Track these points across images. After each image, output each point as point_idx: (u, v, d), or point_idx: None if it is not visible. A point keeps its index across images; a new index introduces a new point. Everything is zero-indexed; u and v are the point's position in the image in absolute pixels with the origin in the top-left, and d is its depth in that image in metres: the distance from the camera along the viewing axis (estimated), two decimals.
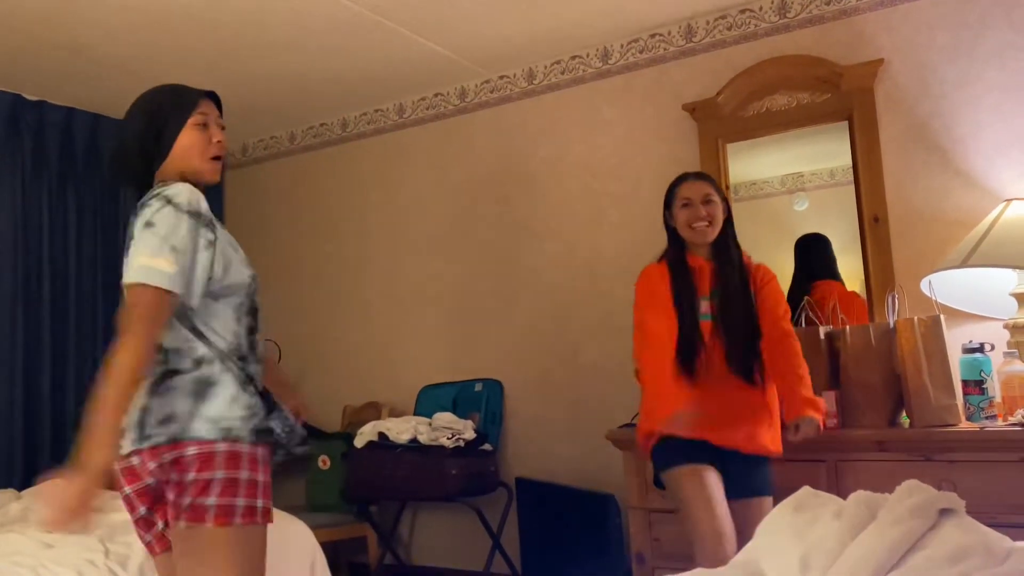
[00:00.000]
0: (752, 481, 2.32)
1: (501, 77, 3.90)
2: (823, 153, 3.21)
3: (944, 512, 1.34)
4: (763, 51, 3.22)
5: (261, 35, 3.39)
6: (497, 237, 3.89)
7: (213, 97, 1.79)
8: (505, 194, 3.88)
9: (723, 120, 3.27)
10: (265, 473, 1.67)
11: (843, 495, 1.53)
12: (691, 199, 2.43)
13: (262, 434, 1.67)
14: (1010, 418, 2.43)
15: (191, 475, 1.57)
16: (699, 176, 2.52)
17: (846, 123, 3.05)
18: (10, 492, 3.18)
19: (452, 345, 3.98)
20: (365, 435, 3.55)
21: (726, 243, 2.46)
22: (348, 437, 3.74)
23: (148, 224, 1.58)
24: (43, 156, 3.97)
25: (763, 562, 1.49)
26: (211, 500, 1.56)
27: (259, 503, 1.63)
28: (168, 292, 1.54)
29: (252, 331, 1.74)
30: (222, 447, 1.59)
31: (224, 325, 1.68)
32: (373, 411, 4.03)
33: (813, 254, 3.16)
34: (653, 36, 3.49)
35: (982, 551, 1.25)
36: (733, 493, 2.28)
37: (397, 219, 4.21)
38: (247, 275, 1.73)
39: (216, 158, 1.75)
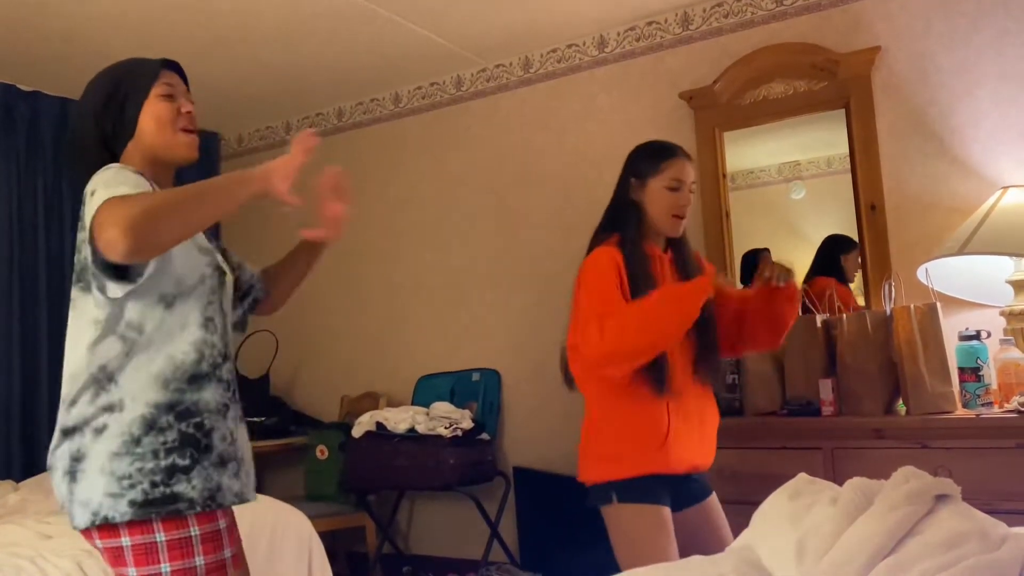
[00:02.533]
0: (704, 483, 2.16)
1: (497, 66, 3.88)
2: (820, 141, 3.20)
3: (940, 498, 1.35)
4: (760, 39, 3.21)
5: (256, 24, 3.37)
6: (494, 226, 3.89)
7: (176, 68, 1.60)
8: (502, 183, 3.88)
9: (720, 108, 3.26)
10: (186, 556, 1.38)
11: (840, 482, 1.53)
12: (682, 182, 2.06)
13: (162, 502, 1.38)
14: (1006, 405, 2.44)
15: None
16: (687, 154, 2.12)
17: (843, 111, 3.04)
18: (8, 483, 3.18)
19: (449, 335, 3.99)
20: (363, 425, 3.56)
21: (684, 242, 2.16)
22: (346, 427, 3.75)
23: (92, 192, 1.37)
24: (38, 147, 3.95)
25: (759, 548, 1.50)
26: None
27: None
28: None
29: (224, 331, 1.55)
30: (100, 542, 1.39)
31: (176, 346, 1.44)
32: (371, 401, 4.04)
33: (829, 253, 3.11)
34: (650, 24, 3.48)
35: (978, 537, 1.25)
36: (693, 500, 2.11)
37: (394, 209, 4.20)
38: (204, 263, 1.52)
39: (188, 131, 1.56)
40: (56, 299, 3.94)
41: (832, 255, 3.11)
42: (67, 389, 1.44)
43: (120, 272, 1.38)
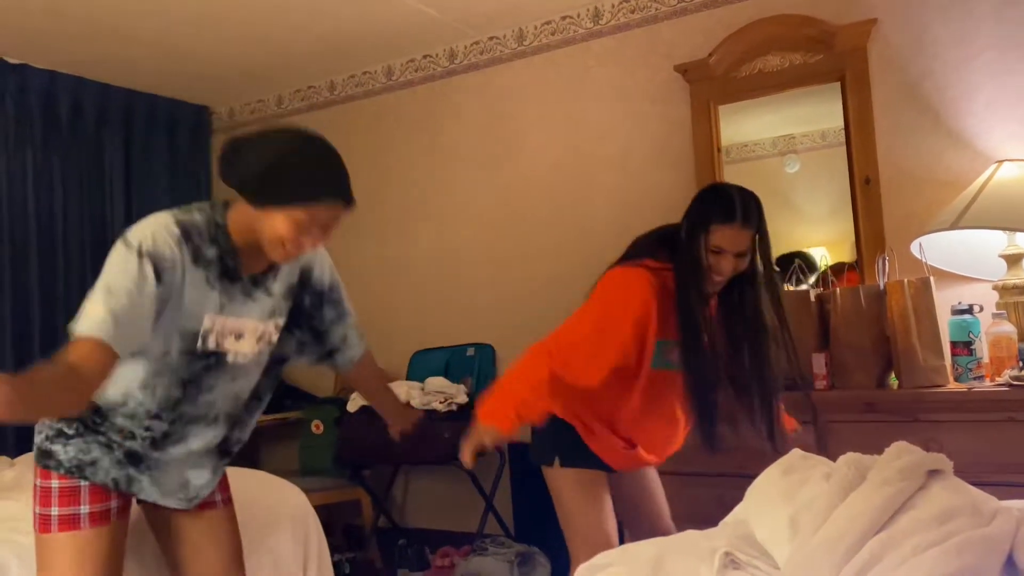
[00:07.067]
0: None
1: (491, 38, 3.84)
2: (815, 114, 3.19)
3: (932, 473, 1.36)
4: (755, 11, 3.18)
5: None
6: (488, 200, 3.87)
7: (346, 201, 1.54)
8: (496, 157, 3.85)
9: (715, 81, 3.24)
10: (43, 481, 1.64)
11: (832, 457, 1.54)
12: (725, 250, 1.91)
13: (42, 456, 1.64)
14: (998, 378, 2.45)
15: None
16: (746, 222, 1.91)
17: (838, 84, 3.03)
18: (3, 459, 3.18)
19: (443, 310, 3.98)
20: (358, 400, 3.56)
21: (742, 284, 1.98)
22: (341, 402, 3.76)
23: (104, 272, 1.47)
24: (27, 120, 3.91)
25: (753, 523, 1.51)
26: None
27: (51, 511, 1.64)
28: (101, 342, 1.37)
29: (177, 403, 1.62)
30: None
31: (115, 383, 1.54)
32: None
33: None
34: None
35: (969, 511, 1.26)
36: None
37: (387, 183, 4.17)
38: (176, 345, 1.56)
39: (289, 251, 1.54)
40: (47, 272, 3.93)
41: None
42: None
43: None
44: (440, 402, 3.42)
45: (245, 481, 2.53)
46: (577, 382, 1.87)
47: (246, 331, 1.64)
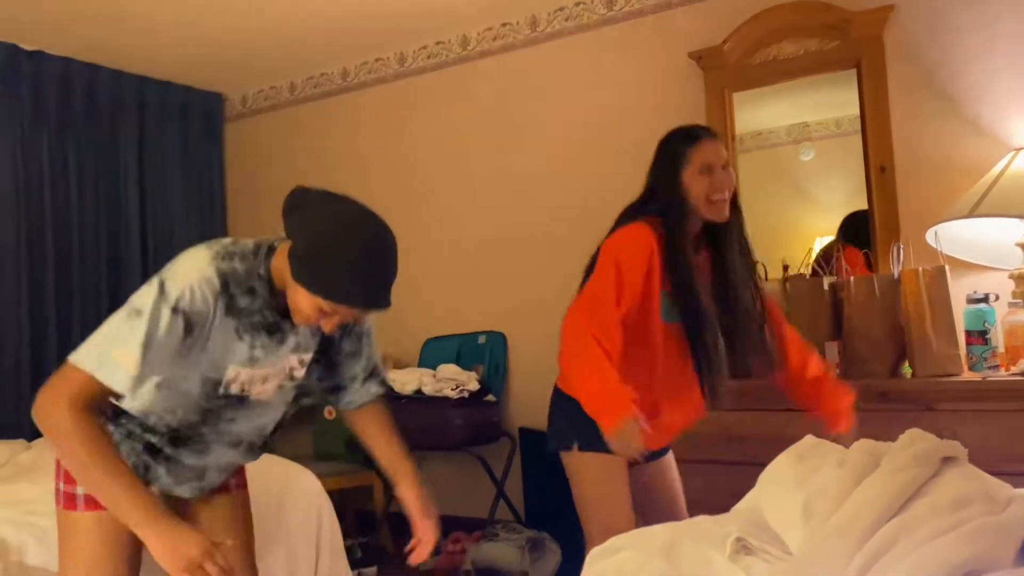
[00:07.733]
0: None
1: (504, 24, 3.83)
2: (830, 102, 3.17)
3: (947, 460, 1.35)
4: None
5: None
6: (501, 188, 3.87)
7: (375, 307, 1.51)
8: (508, 144, 3.85)
9: (730, 69, 3.22)
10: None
11: (846, 445, 1.54)
12: (712, 164, 1.95)
13: None
14: (1013, 368, 2.44)
15: None
16: (713, 135, 2.03)
17: (854, 71, 3.00)
18: (20, 443, 3.21)
19: (455, 297, 3.99)
20: None
21: (727, 228, 2.01)
22: None
23: (136, 311, 1.47)
24: (42, 107, 3.93)
25: (765, 509, 1.51)
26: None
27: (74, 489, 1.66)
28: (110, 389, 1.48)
29: (197, 425, 1.65)
30: None
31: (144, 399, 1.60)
32: None
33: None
34: None
35: (983, 498, 1.26)
36: (652, 455, 2.11)
37: (399, 170, 4.18)
38: (197, 388, 1.59)
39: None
40: (62, 259, 3.96)
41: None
42: None
43: None
44: (452, 389, 3.43)
45: (259, 466, 2.55)
46: (609, 339, 1.86)
47: (272, 373, 1.66)
